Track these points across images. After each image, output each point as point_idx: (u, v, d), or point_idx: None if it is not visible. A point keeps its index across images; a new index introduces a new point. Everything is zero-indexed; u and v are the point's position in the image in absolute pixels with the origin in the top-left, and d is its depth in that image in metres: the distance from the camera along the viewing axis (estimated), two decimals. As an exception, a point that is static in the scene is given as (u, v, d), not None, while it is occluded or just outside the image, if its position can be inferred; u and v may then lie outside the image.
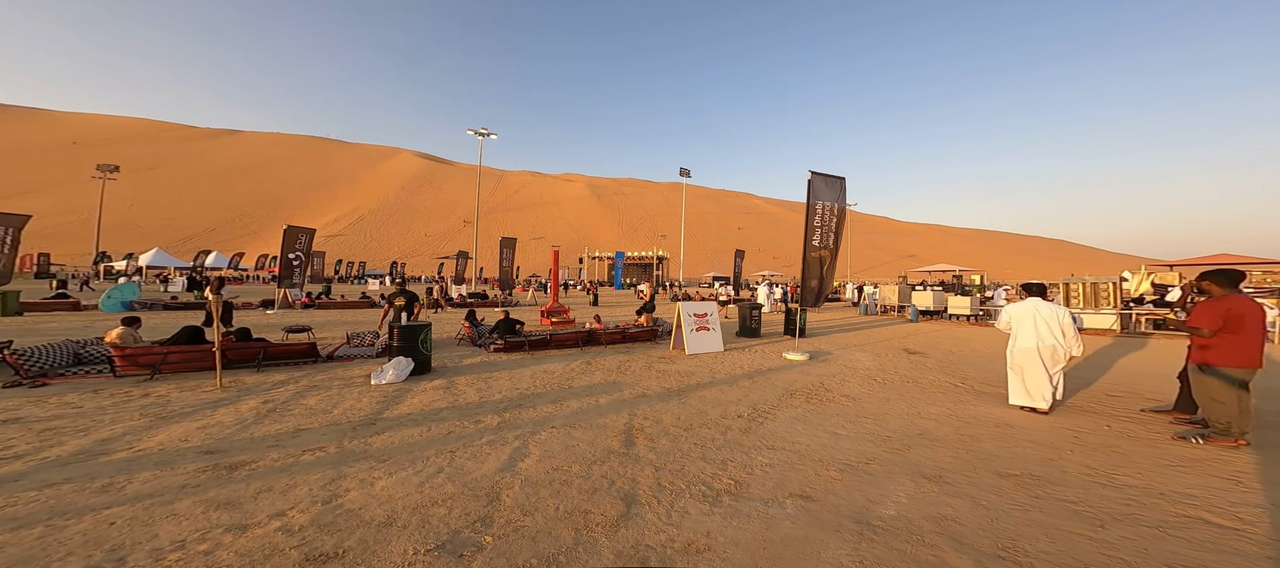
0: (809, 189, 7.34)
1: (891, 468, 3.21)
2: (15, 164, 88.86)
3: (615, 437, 3.78)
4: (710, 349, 8.01)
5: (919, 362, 7.65)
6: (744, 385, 5.73)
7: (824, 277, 7.43)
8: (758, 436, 3.88)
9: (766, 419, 4.34)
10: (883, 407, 4.84)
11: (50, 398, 4.46)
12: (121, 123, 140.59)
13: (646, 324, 9.98)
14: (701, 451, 3.51)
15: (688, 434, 3.89)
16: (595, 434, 3.83)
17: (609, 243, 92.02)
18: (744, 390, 5.47)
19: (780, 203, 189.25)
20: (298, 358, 6.57)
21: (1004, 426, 4.22)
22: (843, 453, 3.49)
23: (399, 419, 4.07)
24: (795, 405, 4.84)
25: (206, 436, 3.54)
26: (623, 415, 4.38)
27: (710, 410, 4.60)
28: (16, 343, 6.59)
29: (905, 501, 2.73)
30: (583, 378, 5.95)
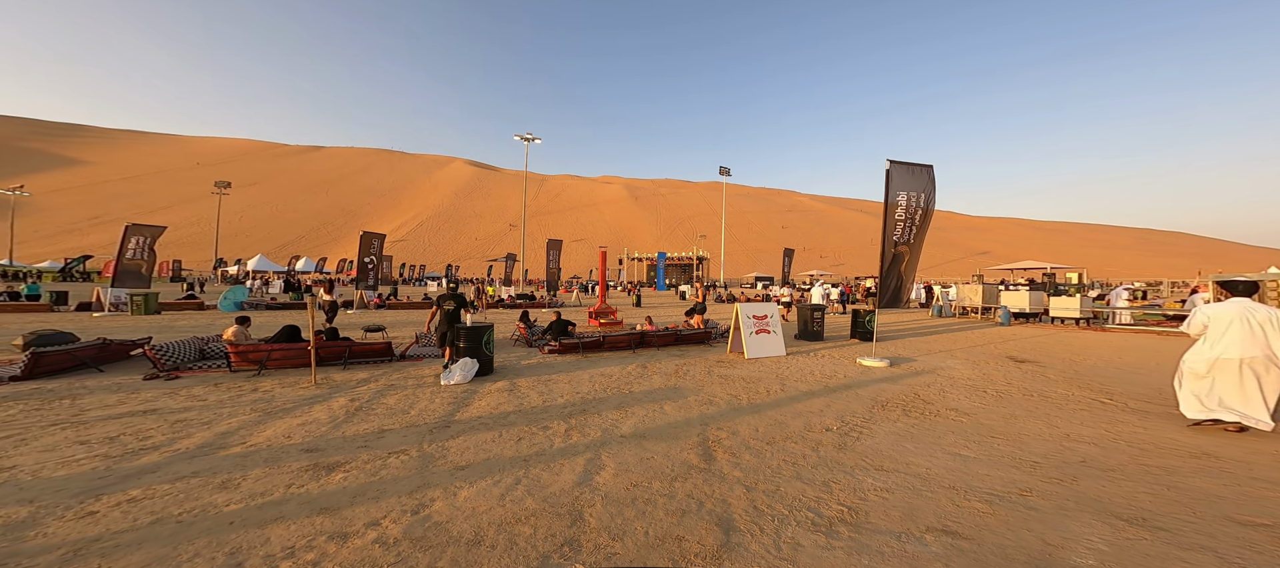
0: (887, 180, 6.62)
1: (1061, 503, 2.68)
2: (156, 184, 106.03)
3: (691, 449, 3.54)
4: (772, 353, 7.53)
5: (1035, 372, 6.70)
6: (821, 394, 5.28)
7: (903, 275, 6.65)
8: (857, 453, 3.46)
9: (861, 434, 3.90)
10: (1010, 425, 4.20)
11: (181, 391, 5.02)
12: (232, 144, 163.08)
13: (698, 326, 9.64)
14: (794, 469, 3.17)
15: (772, 449, 3.56)
16: (669, 446, 3.61)
17: (647, 244, 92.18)
18: (823, 400, 5.03)
19: (825, 199, 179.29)
20: (376, 357, 7.00)
21: (1206, 456, 3.47)
22: (979, 480, 3.00)
23: (470, 423, 4.10)
24: (892, 419, 4.33)
25: (306, 433, 3.74)
26: (693, 425, 4.15)
27: (791, 422, 4.23)
28: (155, 340, 7.64)
29: (1106, 548, 2.22)
30: (641, 383, 5.78)
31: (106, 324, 11.20)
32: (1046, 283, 19.64)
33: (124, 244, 14.07)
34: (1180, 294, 24.64)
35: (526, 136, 32.66)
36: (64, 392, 4.86)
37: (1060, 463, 3.29)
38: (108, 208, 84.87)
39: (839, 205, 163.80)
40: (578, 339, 8.09)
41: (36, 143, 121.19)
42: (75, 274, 34.54)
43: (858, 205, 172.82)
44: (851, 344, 9.25)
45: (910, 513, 2.53)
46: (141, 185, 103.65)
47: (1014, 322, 14.09)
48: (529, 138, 32.74)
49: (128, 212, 79.96)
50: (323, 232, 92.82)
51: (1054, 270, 22.06)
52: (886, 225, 6.64)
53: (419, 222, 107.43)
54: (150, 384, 5.27)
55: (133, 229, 14.36)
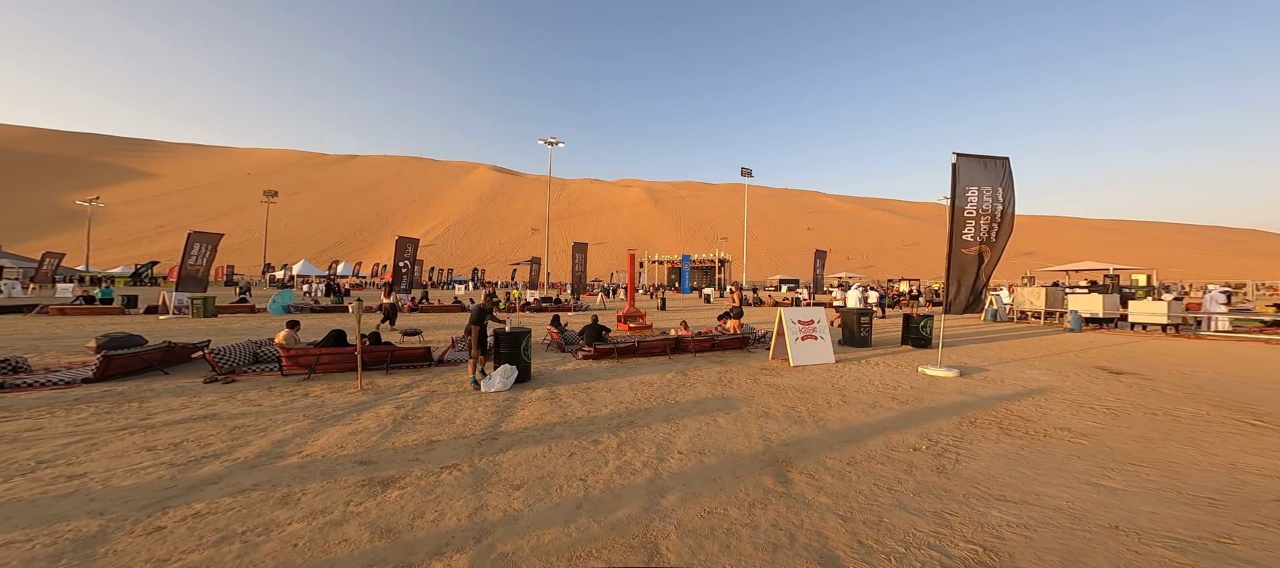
0: (954, 175, 6.08)
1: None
2: (212, 194, 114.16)
3: (762, 468, 3.25)
4: (819, 360, 7.08)
5: (1142, 386, 6.01)
6: (891, 407, 4.87)
7: (980, 277, 6.06)
8: (963, 479, 3.08)
9: (959, 455, 3.51)
10: (1147, 449, 3.70)
11: (237, 395, 5.11)
12: (278, 154, 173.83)
13: (734, 331, 9.26)
14: (891, 495, 2.82)
15: (856, 470, 3.22)
16: (735, 464, 3.33)
17: (668, 246, 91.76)
18: (895, 414, 4.62)
19: (851, 199, 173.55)
20: (416, 361, 7.01)
21: None
22: (1147, 519, 2.57)
23: (517, 435, 3.94)
24: (990, 438, 3.90)
25: (357, 443, 3.66)
26: (755, 441, 3.85)
27: (867, 439, 3.86)
28: (213, 343, 7.95)
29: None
30: (686, 392, 5.51)
31: (171, 327, 11.88)
32: (1109, 285, 18.01)
33: (187, 251, 14.97)
34: (1273, 297, 22.15)
35: (550, 141, 33.06)
36: (133, 394, 5.03)
37: (1246, 501, 2.79)
38: (172, 217, 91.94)
39: (866, 205, 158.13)
40: (613, 345, 7.89)
41: (111, 157, 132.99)
42: (144, 279, 37.42)
43: (885, 205, 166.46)
44: (904, 351, 8.65)
45: (1073, 560, 2.14)
46: (200, 195, 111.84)
47: (1087, 327, 12.91)
48: (553, 142, 33.13)
49: (189, 220, 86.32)
50: (359, 237, 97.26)
51: (1117, 271, 20.23)
52: (953, 225, 6.09)
53: (446, 227, 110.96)
54: (210, 388, 5.41)
55: (195, 236, 15.27)
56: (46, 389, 5.19)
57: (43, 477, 2.89)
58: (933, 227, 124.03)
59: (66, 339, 9.37)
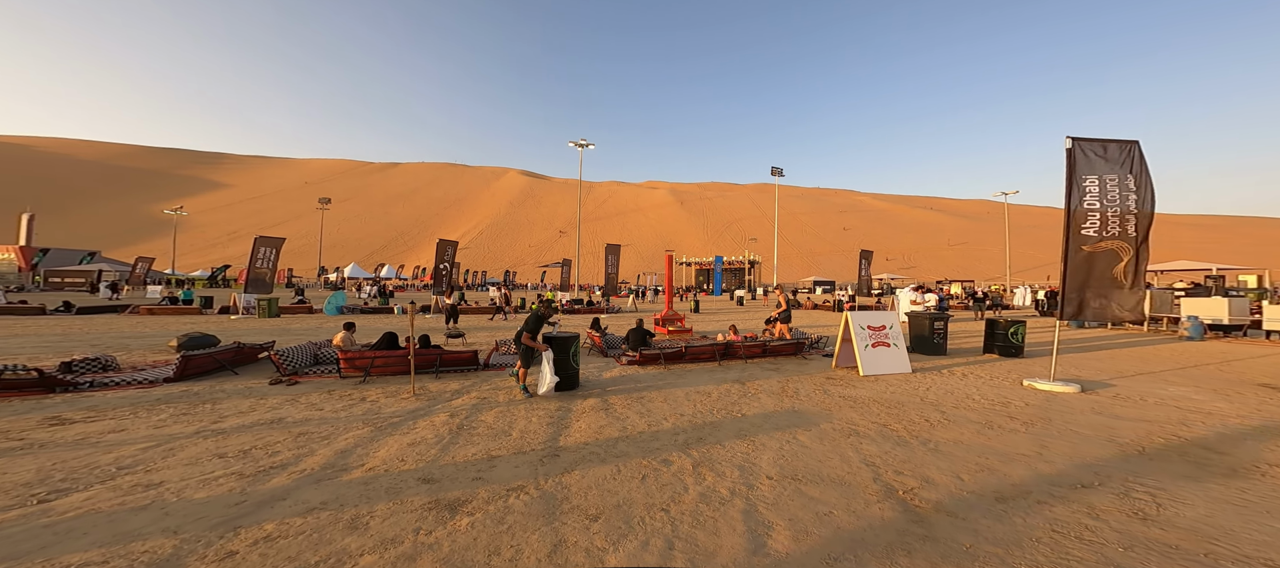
0: (1070, 163, 5.24)
1: None
2: (275, 202, 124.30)
3: (879, 500, 2.78)
4: (893, 370, 6.39)
5: None
6: (1011, 428, 4.21)
7: (1116, 281, 5.16)
8: (1185, 529, 2.48)
9: (1157, 497, 2.86)
10: None
11: (300, 398, 5.14)
12: (330, 163, 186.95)
13: (784, 336, 8.64)
14: (1091, 548, 2.29)
15: (1014, 509, 2.68)
16: (843, 494, 2.87)
17: (695, 248, 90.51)
18: (1023, 438, 3.97)
19: (888, 197, 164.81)
20: (463, 365, 6.93)
21: None
22: None
23: (579, 452, 3.63)
24: (1185, 474, 3.22)
25: (418, 457, 3.48)
26: (854, 464, 3.36)
27: (1003, 468, 3.29)
28: (277, 344, 8.25)
29: None
30: (749, 403, 5.05)
31: (240, 326, 12.66)
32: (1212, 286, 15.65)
33: (254, 255, 16.02)
34: None
35: (581, 142, 33.26)
36: (206, 395, 5.17)
37: None
38: (242, 223, 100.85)
39: (905, 203, 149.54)
40: (659, 350, 7.51)
41: (192, 170, 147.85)
42: (218, 281, 41.02)
43: (926, 202, 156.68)
44: (990, 361, 7.73)
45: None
46: (266, 204, 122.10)
47: (1209, 335, 11.21)
48: (583, 144, 33.31)
49: (257, 226, 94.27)
50: (400, 241, 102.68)
51: (1222, 271, 17.60)
52: (1070, 220, 5.24)
53: (479, 230, 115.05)
54: (275, 389, 5.50)
55: (261, 241, 16.33)
56: (132, 388, 5.44)
57: (122, 485, 2.85)
58: (982, 225, 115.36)
59: (153, 338, 10.11)
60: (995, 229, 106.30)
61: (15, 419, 4.14)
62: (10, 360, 7.01)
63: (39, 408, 4.54)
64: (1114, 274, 5.16)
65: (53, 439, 3.67)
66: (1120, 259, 5.13)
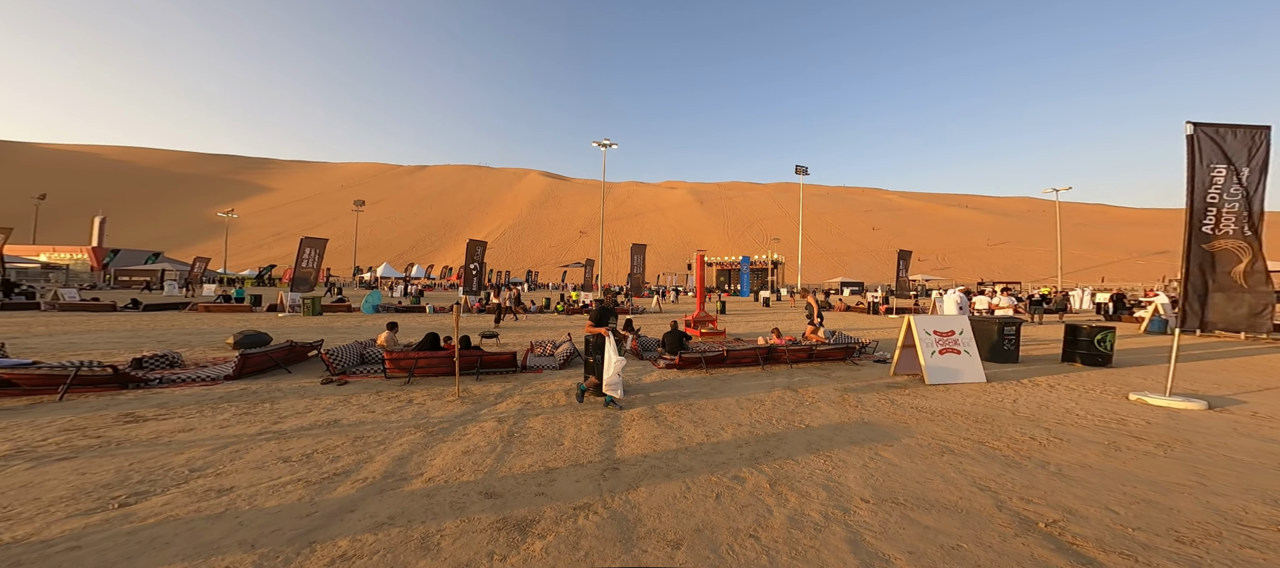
0: (1192, 152, 4.60)
1: None
2: (315, 205, 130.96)
3: (1018, 534, 2.46)
4: (964, 379, 5.90)
5: None
6: (1145, 450, 3.76)
7: (1244, 284, 4.53)
8: None
9: None
10: None
11: (351, 398, 5.17)
12: (364, 167, 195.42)
13: (818, 339, 8.19)
14: None
15: (1208, 554, 2.29)
16: (964, 523, 2.56)
17: (715, 248, 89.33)
18: (1162, 460, 3.53)
19: (919, 196, 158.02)
20: (503, 367, 6.87)
21: None
22: None
23: (638, 464, 3.43)
24: None
25: (475, 467, 3.36)
26: (962, 487, 3.03)
27: (1167, 500, 2.89)
28: (326, 343, 8.46)
29: None
30: (810, 413, 4.75)
31: (288, 324, 13.19)
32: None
33: (300, 255, 16.73)
34: None
35: (604, 142, 33.25)
36: (264, 394, 5.27)
37: None
38: (285, 226, 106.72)
39: (938, 201, 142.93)
40: (699, 354, 7.24)
41: (242, 175, 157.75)
42: (265, 280, 43.41)
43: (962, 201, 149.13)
44: (1074, 370, 7.09)
45: None
46: (306, 206, 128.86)
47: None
48: (606, 144, 33.29)
49: (299, 228, 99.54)
50: (427, 242, 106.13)
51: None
52: (1192, 214, 4.64)
53: (502, 230, 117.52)
54: (326, 389, 5.57)
55: (306, 242, 17.04)
56: (196, 386, 5.63)
57: (196, 489, 2.84)
58: (1024, 224, 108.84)
59: (211, 335, 10.62)
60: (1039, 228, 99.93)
61: (92, 416, 4.30)
62: (86, 356, 7.46)
63: (113, 404, 4.72)
64: (1233, 276, 4.52)
65: (128, 437, 3.76)
66: (1239, 260, 4.49)
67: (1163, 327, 12.50)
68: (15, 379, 4.98)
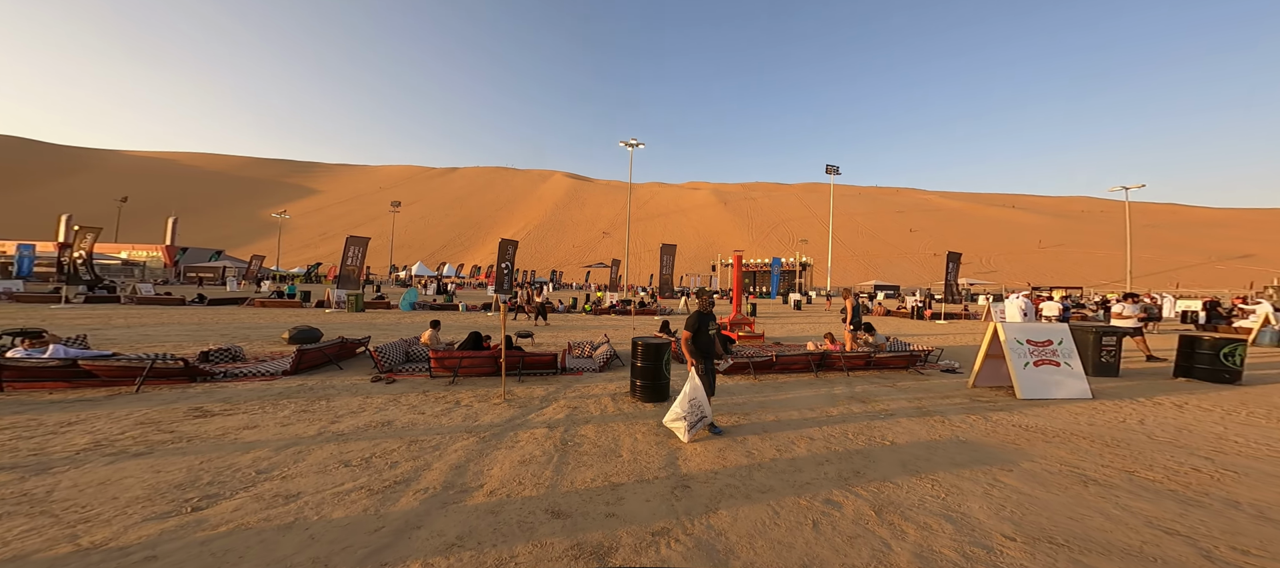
0: None
1: None
2: (355, 206, 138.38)
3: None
4: (1066, 395, 5.24)
5: None
6: None
7: None
8: None
9: None
10: None
11: (401, 397, 5.12)
12: (399, 169, 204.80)
13: (856, 346, 7.57)
14: None
15: None
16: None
17: (740, 249, 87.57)
18: None
19: (960, 196, 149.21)
20: (543, 369, 6.72)
21: None
22: None
23: (710, 482, 3.13)
24: None
25: (535, 481, 3.14)
26: (1136, 528, 2.56)
27: None
28: (373, 339, 8.62)
29: None
30: (890, 429, 4.32)
31: (335, 320, 13.72)
32: None
33: (346, 253, 17.45)
34: None
35: (631, 142, 33.11)
36: (319, 391, 5.32)
37: None
38: (330, 226, 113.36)
39: (981, 201, 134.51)
40: (747, 359, 6.84)
41: (292, 178, 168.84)
42: (313, 277, 46.05)
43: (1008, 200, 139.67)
44: (1197, 388, 6.24)
45: None
46: (349, 207, 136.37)
47: None
48: (633, 143, 33.14)
49: (342, 228, 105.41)
50: (457, 242, 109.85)
51: None
52: None
53: (528, 230, 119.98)
54: (376, 387, 5.58)
55: (351, 240, 17.76)
56: (257, 380, 5.77)
57: (263, 494, 2.76)
58: (1079, 225, 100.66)
59: (267, 329, 11.13)
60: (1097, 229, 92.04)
61: (165, 409, 4.42)
62: (158, 348, 7.90)
63: (184, 397, 4.86)
64: None
65: (198, 433, 3.80)
66: None
67: (1278, 339, 10.93)
68: (96, 371, 5.23)
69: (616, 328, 13.39)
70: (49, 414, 4.19)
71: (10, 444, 3.43)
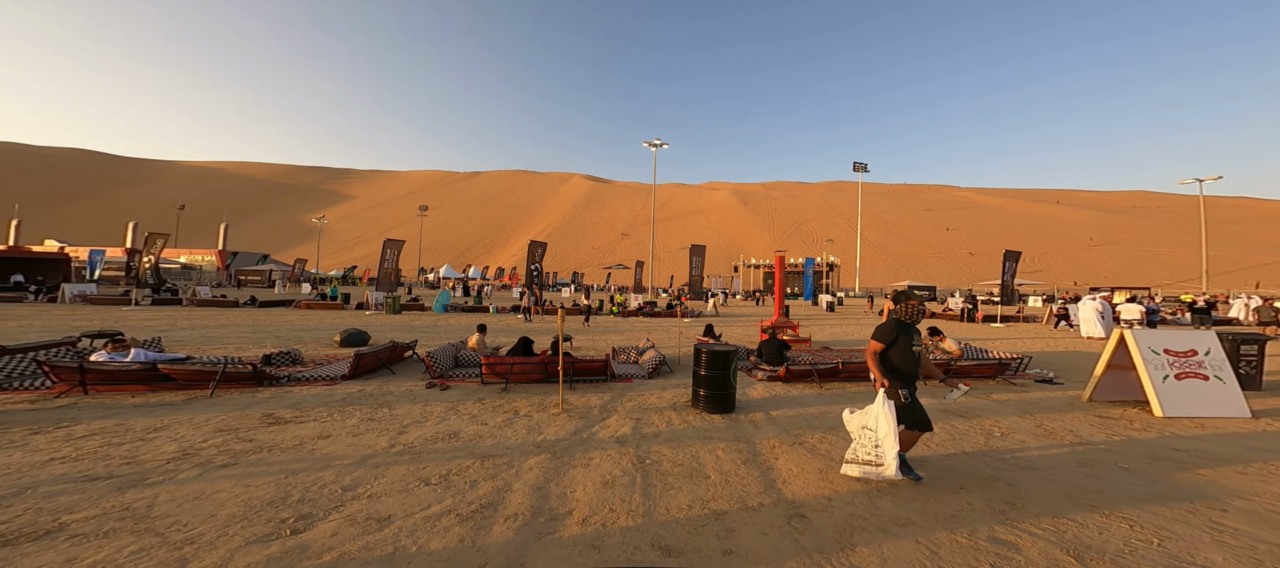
0: None
1: None
2: (386, 211, 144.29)
3: None
4: (1221, 413, 4.60)
5: None
6: None
7: None
8: None
9: None
10: None
11: (459, 405, 5.02)
12: (426, 174, 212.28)
13: (948, 352, 6.99)
14: None
15: None
16: None
17: (761, 249, 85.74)
18: None
19: (998, 192, 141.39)
20: (594, 375, 6.53)
21: None
22: None
23: (829, 511, 2.79)
24: None
25: (626, 506, 2.89)
26: None
27: None
28: (418, 343, 8.67)
29: None
30: (1018, 452, 3.86)
31: (375, 322, 14.07)
32: None
33: (383, 255, 17.96)
34: None
35: (655, 142, 32.87)
36: (379, 397, 5.30)
37: None
38: (363, 230, 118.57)
39: (1023, 197, 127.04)
40: (810, 366, 6.43)
41: (329, 184, 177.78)
42: (349, 280, 48.09)
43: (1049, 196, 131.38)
44: None
45: None
46: (380, 212, 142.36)
47: None
48: (657, 143, 32.89)
49: (374, 232, 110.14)
50: (480, 245, 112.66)
51: None
52: None
53: (548, 232, 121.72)
54: (431, 394, 5.51)
55: (388, 243, 18.28)
56: (318, 385, 5.82)
57: (355, 516, 2.64)
58: (1135, 221, 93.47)
59: (317, 331, 11.48)
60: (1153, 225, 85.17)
61: (240, 416, 4.45)
62: (223, 350, 8.19)
63: (254, 403, 4.92)
64: None
65: (276, 442, 3.77)
66: None
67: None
68: (173, 374, 5.39)
69: (651, 331, 13.12)
70: (134, 419, 4.29)
71: (103, 452, 3.48)
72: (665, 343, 10.37)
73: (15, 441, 3.64)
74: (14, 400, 4.71)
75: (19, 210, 49.54)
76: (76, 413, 4.39)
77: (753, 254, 76.52)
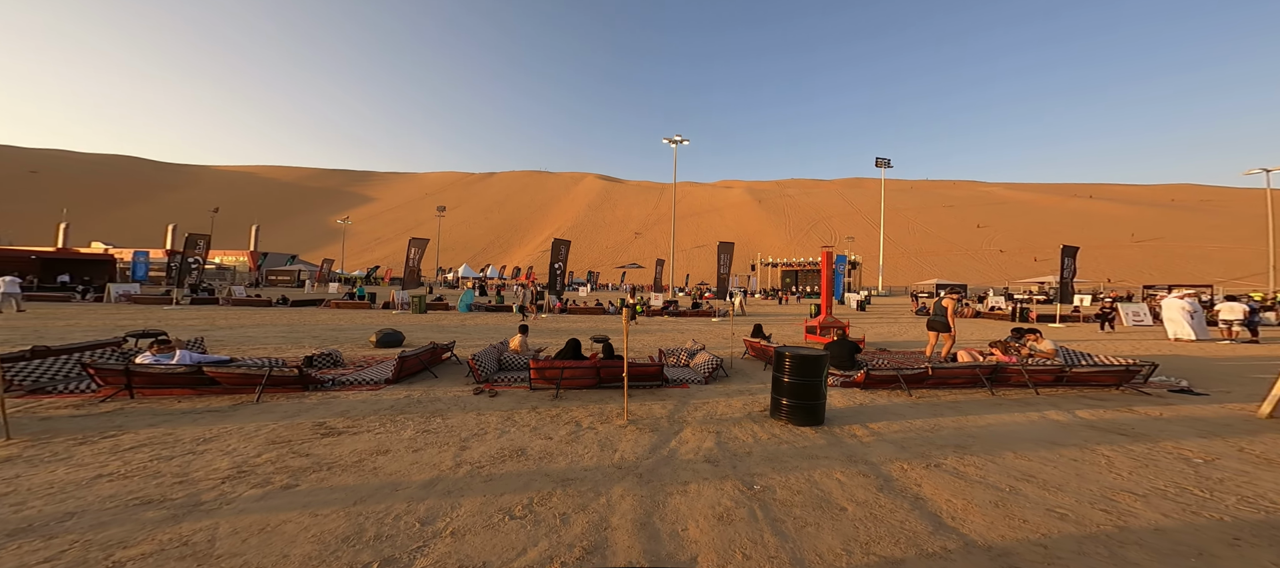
0: None
1: None
2: (405, 212, 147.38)
3: None
4: None
5: None
6: None
7: None
8: None
9: None
10: None
11: (514, 415, 4.59)
12: (442, 175, 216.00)
13: (1045, 358, 6.21)
14: None
15: None
16: None
17: (776, 248, 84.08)
18: None
19: (1031, 187, 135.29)
20: (648, 381, 6.04)
21: None
22: None
23: (1024, 554, 2.20)
24: None
25: (763, 554, 2.37)
26: None
27: None
28: (455, 344, 8.33)
29: None
30: (1240, 490, 3.08)
31: (403, 322, 13.93)
32: None
33: (408, 253, 17.92)
34: None
35: (675, 139, 32.28)
36: (428, 404, 4.93)
37: None
38: (384, 231, 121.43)
39: (1055, 193, 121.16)
40: (894, 372, 5.80)
41: (352, 187, 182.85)
42: (372, 279, 49.05)
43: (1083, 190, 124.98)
44: None
45: None
46: (400, 213, 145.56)
47: None
48: (678, 140, 32.29)
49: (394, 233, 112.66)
50: (496, 245, 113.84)
51: None
52: None
53: (563, 232, 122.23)
54: (480, 401, 5.13)
55: (413, 242, 18.23)
56: (363, 389, 5.50)
57: (444, 561, 2.21)
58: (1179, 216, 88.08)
59: (350, 331, 11.34)
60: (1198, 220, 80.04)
61: (291, 425, 4.13)
62: (263, 351, 8.01)
63: (302, 409, 4.60)
64: None
65: (334, 459, 3.40)
66: None
67: None
68: (219, 378, 5.13)
69: (682, 332, 12.59)
70: (182, 427, 4.00)
71: (153, 467, 3.16)
72: (711, 344, 9.82)
73: (59, 453, 3.36)
74: (59, 405, 4.51)
75: (67, 214, 52.23)
76: (123, 420, 4.14)
77: (769, 252, 75.00)
